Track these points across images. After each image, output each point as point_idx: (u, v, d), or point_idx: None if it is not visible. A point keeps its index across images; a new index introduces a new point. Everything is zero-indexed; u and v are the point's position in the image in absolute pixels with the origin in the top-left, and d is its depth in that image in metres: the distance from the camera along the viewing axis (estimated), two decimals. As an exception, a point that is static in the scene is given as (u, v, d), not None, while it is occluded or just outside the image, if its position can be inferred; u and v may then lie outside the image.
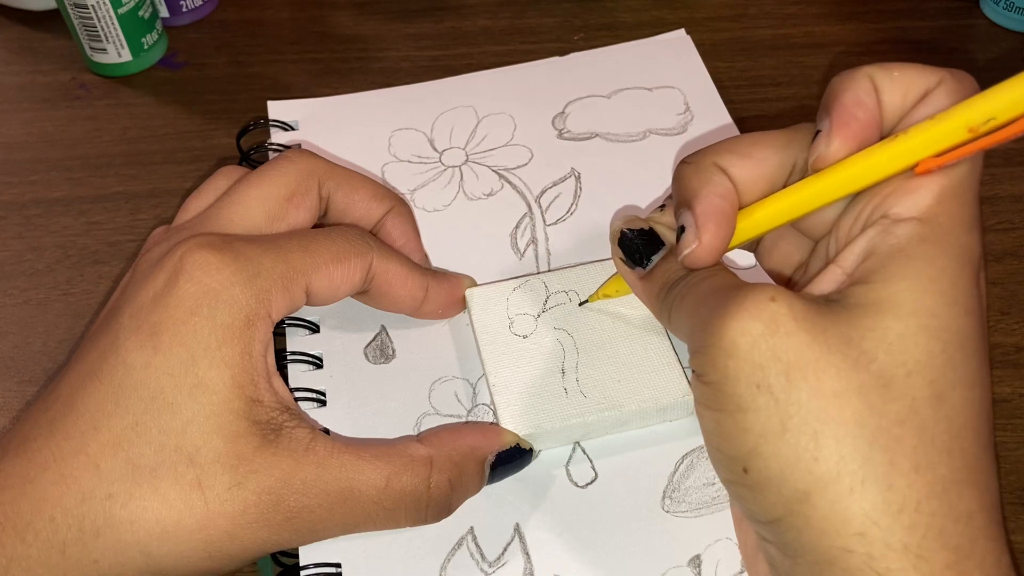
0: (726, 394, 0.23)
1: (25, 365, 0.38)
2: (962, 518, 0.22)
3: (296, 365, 0.35)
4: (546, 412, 0.32)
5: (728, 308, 0.23)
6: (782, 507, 0.23)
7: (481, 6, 0.54)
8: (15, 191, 0.45)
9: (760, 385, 0.22)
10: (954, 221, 0.24)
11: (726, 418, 0.23)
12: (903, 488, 0.22)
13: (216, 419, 0.26)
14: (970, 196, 0.25)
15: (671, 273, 0.28)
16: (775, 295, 0.23)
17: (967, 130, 0.23)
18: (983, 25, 0.51)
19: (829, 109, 0.26)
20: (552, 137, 0.44)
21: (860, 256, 0.25)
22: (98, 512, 0.25)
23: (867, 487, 0.22)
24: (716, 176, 0.27)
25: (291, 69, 0.51)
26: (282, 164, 0.32)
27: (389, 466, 0.28)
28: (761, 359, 0.23)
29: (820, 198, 0.26)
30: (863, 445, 0.22)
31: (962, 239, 0.24)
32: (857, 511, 0.22)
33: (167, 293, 0.27)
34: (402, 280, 0.33)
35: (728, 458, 0.24)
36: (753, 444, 0.23)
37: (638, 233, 0.30)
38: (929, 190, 0.24)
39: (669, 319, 0.28)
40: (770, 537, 0.24)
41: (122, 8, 0.47)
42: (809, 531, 0.22)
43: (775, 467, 0.22)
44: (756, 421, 0.23)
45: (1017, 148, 0.44)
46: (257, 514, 0.26)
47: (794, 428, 0.22)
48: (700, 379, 0.25)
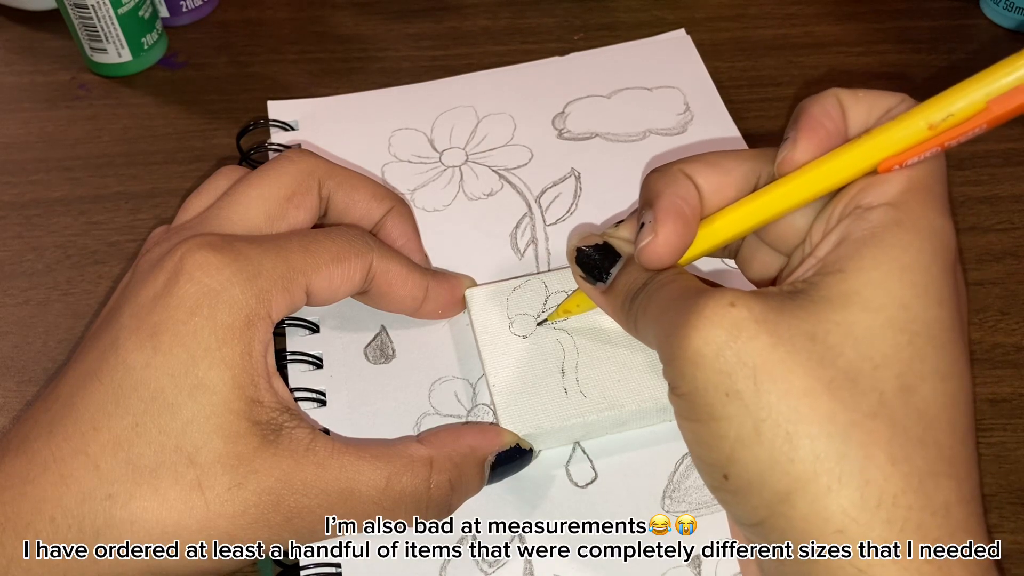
0: (698, 404, 0.23)
1: (25, 365, 0.38)
2: (939, 511, 0.22)
3: (296, 365, 0.35)
4: (546, 412, 0.32)
5: (689, 318, 0.23)
6: (764, 509, 0.23)
7: (481, 6, 0.54)
8: (15, 191, 0.45)
9: (729, 393, 0.22)
10: (926, 206, 0.24)
11: (701, 428, 0.23)
12: (880, 482, 0.22)
13: (216, 419, 0.26)
14: (939, 188, 0.25)
15: (632, 283, 0.28)
16: (734, 299, 0.23)
17: (927, 127, 0.24)
18: (983, 25, 0.51)
19: (797, 120, 0.26)
20: (552, 137, 0.44)
21: (833, 245, 0.25)
22: (98, 512, 0.25)
23: (844, 483, 0.22)
24: (680, 179, 0.28)
25: (291, 69, 0.51)
26: (282, 164, 0.32)
27: (389, 466, 0.28)
28: (727, 367, 0.23)
29: (785, 201, 0.26)
30: (837, 442, 0.22)
31: (935, 222, 0.24)
32: (836, 508, 0.22)
33: (167, 293, 0.27)
34: (402, 280, 0.33)
35: (708, 466, 0.24)
36: (730, 451, 0.23)
37: (594, 248, 0.30)
38: (898, 180, 0.24)
39: (636, 329, 0.28)
40: (757, 539, 0.24)
41: (122, 8, 0.47)
42: (791, 531, 0.22)
43: (754, 471, 0.22)
44: (730, 428, 0.23)
45: (1017, 148, 0.44)
46: (257, 514, 0.26)
47: (768, 431, 0.22)
48: (673, 391, 0.25)
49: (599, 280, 0.29)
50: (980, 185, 0.43)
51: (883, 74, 0.49)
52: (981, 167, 0.43)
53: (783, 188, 0.26)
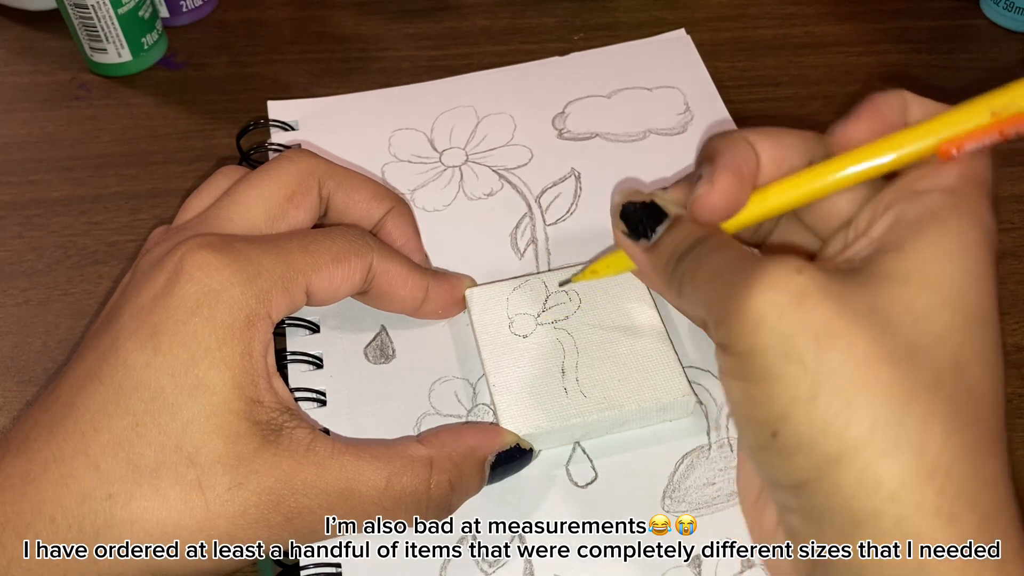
0: (754, 364, 0.23)
1: (25, 365, 0.38)
2: (988, 484, 0.22)
3: (296, 365, 0.35)
4: (546, 412, 0.32)
5: (752, 280, 0.24)
6: (810, 471, 0.23)
7: (481, 6, 0.54)
8: (15, 191, 0.45)
9: (789, 354, 0.23)
10: (980, 197, 0.25)
11: (754, 387, 0.24)
12: (934, 453, 0.22)
13: (216, 420, 0.26)
14: (989, 183, 0.26)
15: (679, 244, 0.28)
16: (800, 267, 0.23)
17: (990, 114, 0.25)
18: (983, 25, 0.51)
19: (858, 106, 0.27)
20: (552, 137, 0.44)
21: (888, 225, 0.25)
22: (98, 512, 0.25)
23: (901, 451, 0.22)
24: (742, 143, 0.28)
25: (291, 69, 0.51)
26: (282, 164, 0.32)
27: (389, 467, 0.28)
28: (790, 329, 0.23)
29: (843, 175, 0.27)
30: (896, 410, 0.22)
31: (985, 215, 0.25)
32: (890, 474, 0.22)
33: (167, 294, 0.27)
34: (402, 280, 0.33)
35: (756, 424, 0.24)
36: (782, 410, 0.23)
37: (641, 205, 0.29)
38: (954, 169, 0.25)
39: (679, 292, 0.28)
40: (794, 503, 0.24)
41: (122, 8, 0.47)
42: (838, 495, 0.22)
43: (805, 432, 0.23)
44: (785, 388, 0.23)
45: (1017, 148, 0.44)
46: (257, 515, 0.26)
47: (825, 394, 0.22)
48: (726, 351, 0.25)
49: (643, 236, 0.29)
50: (980, 185, 0.43)
51: (883, 74, 0.49)
52: (981, 167, 0.43)
53: (841, 162, 0.27)
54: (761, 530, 0.27)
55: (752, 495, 0.28)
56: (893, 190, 0.26)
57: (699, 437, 0.33)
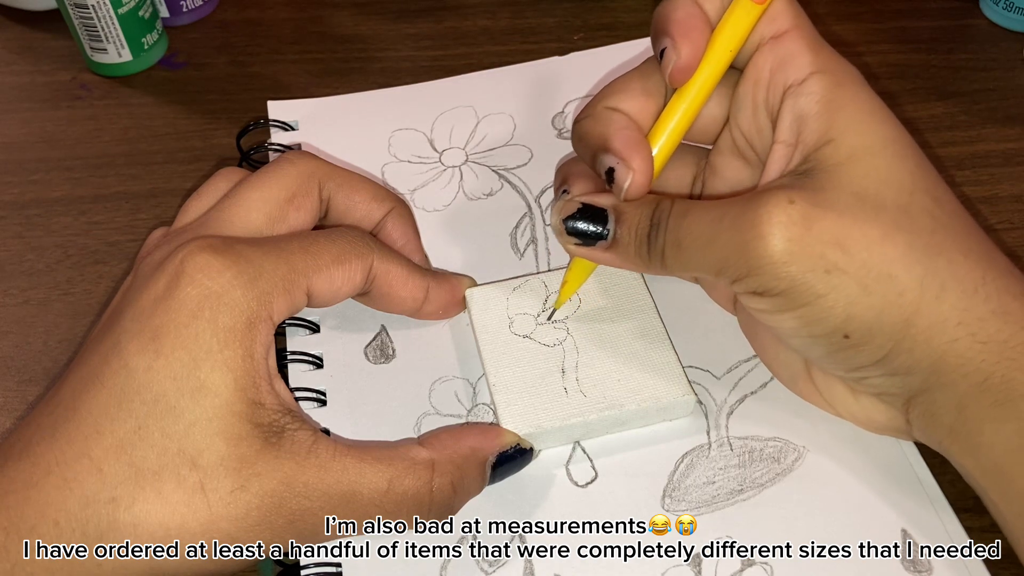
0: (800, 292, 0.26)
1: (25, 365, 0.38)
2: (1004, 272, 0.27)
3: (296, 365, 0.35)
4: (546, 412, 0.32)
5: (759, 226, 0.26)
6: (888, 344, 0.27)
7: (481, 6, 0.54)
8: (15, 191, 0.45)
9: (828, 269, 0.26)
10: (828, 54, 0.29)
11: (809, 310, 0.27)
12: (966, 274, 0.26)
13: (218, 422, 0.26)
14: (807, 22, 0.30)
15: (639, 227, 0.30)
16: (790, 196, 0.26)
17: None
18: (983, 25, 0.51)
19: (666, 30, 0.30)
20: (552, 137, 0.44)
21: (795, 125, 0.28)
22: (101, 516, 0.25)
23: (947, 289, 0.26)
24: (614, 115, 0.30)
25: (291, 69, 0.51)
26: (282, 166, 0.32)
27: (391, 469, 0.28)
28: (817, 250, 0.26)
29: (705, 89, 0.30)
30: (925, 261, 0.26)
31: (831, 57, 0.29)
32: (949, 309, 0.26)
33: (168, 296, 0.27)
34: (402, 281, 0.33)
35: (825, 337, 0.27)
36: (845, 314, 0.26)
37: (579, 213, 0.31)
38: (774, 25, 0.29)
39: (664, 265, 0.29)
40: (876, 373, 0.28)
41: (122, 8, 0.47)
42: (919, 346, 0.26)
43: (872, 319, 0.26)
44: (839, 296, 0.26)
45: (1017, 148, 0.44)
46: (259, 517, 0.26)
47: (873, 282, 0.26)
48: (765, 295, 0.27)
49: (599, 239, 0.31)
50: (980, 185, 0.43)
51: (883, 74, 0.49)
52: (981, 167, 0.44)
53: (700, 76, 0.30)
54: (833, 403, 0.31)
55: (801, 378, 0.32)
56: (760, 90, 0.30)
57: (699, 436, 0.33)
